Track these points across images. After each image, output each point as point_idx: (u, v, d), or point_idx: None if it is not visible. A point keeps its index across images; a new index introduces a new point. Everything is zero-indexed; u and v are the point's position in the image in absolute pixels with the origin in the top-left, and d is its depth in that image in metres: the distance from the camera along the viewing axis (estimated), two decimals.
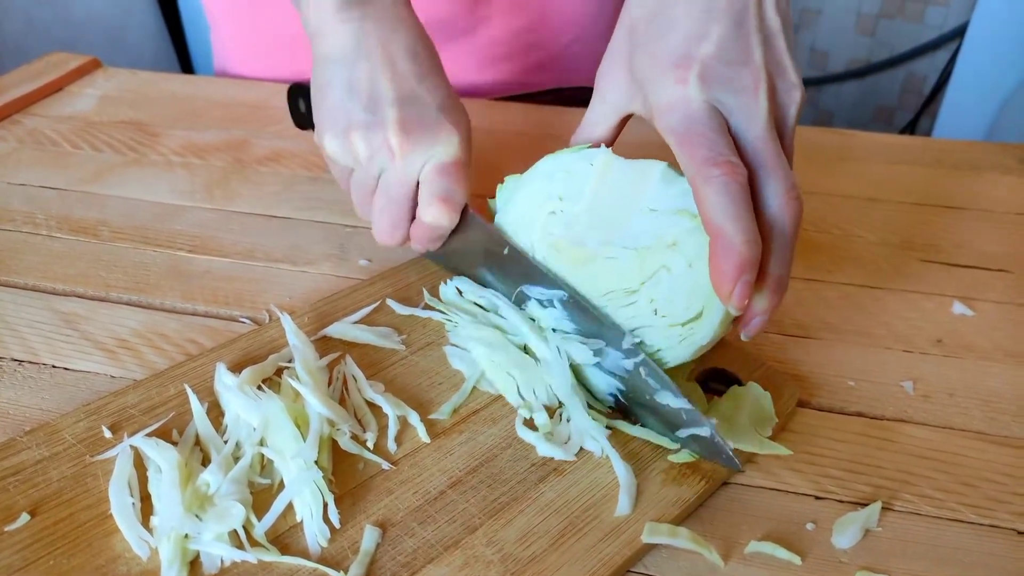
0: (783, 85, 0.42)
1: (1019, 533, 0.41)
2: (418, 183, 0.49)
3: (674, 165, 0.42)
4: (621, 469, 0.42)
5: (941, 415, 0.48)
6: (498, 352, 0.47)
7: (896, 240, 0.63)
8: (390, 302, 0.53)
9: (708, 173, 0.38)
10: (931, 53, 1.83)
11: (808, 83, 2.00)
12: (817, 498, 0.43)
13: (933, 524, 0.42)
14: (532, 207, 0.48)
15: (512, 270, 0.48)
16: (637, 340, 0.43)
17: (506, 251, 0.48)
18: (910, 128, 1.90)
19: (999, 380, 0.50)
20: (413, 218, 0.51)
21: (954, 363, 0.52)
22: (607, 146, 0.46)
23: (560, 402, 0.45)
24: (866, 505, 0.42)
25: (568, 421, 0.44)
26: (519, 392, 0.46)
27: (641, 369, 0.43)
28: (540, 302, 0.47)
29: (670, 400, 0.42)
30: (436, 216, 0.48)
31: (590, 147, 0.46)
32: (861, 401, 0.49)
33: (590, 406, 0.45)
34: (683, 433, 0.42)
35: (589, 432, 0.43)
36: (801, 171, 0.72)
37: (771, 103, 0.41)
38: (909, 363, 0.52)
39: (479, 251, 0.50)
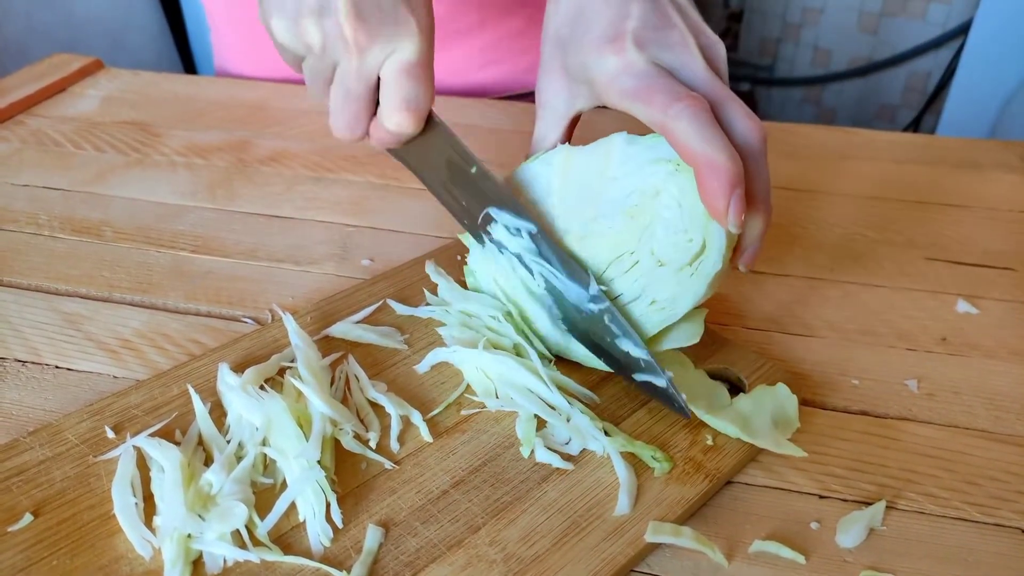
0: (707, 41, 0.44)
1: (1023, 532, 0.41)
2: (379, 79, 0.45)
3: (633, 130, 0.44)
4: (621, 469, 0.42)
5: (945, 413, 0.48)
6: (481, 356, 0.47)
7: (899, 239, 0.63)
8: (390, 302, 0.52)
9: (673, 110, 0.39)
10: (934, 51, 1.83)
11: (811, 81, 2.01)
12: (821, 497, 0.43)
13: (937, 523, 0.41)
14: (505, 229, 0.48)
15: (478, 191, 0.47)
16: (602, 288, 0.44)
17: (473, 170, 0.46)
18: (913, 126, 1.90)
19: (1004, 378, 0.50)
20: (374, 112, 0.46)
21: (958, 361, 0.52)
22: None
23: (549, 404, 0.45)
24: (870, 504, 0.42)
25: (568, 421, 0.44)
26: (496, 395, 0.46)
27: (605, 316, 0.44)
28: (508, 228, 0.47)
29: (631, 349, 0.43)
30: (400, 124, 0.44)
31: (545, 153, 0.47)
32: (865, 400, 0.49)
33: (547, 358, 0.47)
34: (639, 377, 0.44)
35: (589, 432, 0.43)
36: (804, 169, 0.72)
37: (703, 55, 0.43)
38: (913, 361, 0.52)
39: (442, 163, 0.47)
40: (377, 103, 0.45)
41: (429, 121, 0.46)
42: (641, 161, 0.43)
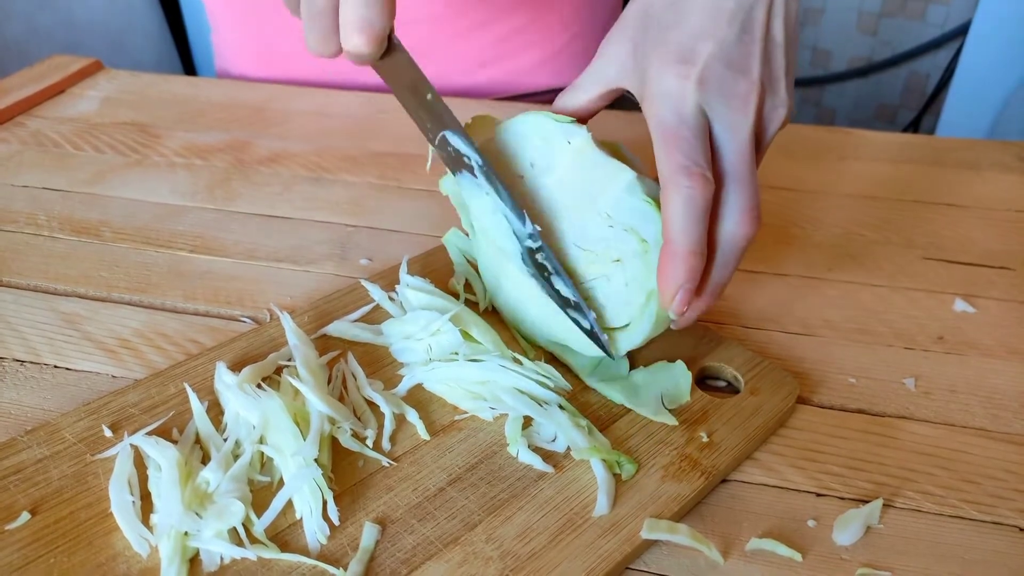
0: (772, 101, 0.43)
1: (1021, 530, 0.41)
2: None
3: (643, 177, 0.43)
4: (599, 468, 0.42)
5: (943, 412, 0.48)
6: (463, 368, 0.46)
7: (898, 238, 0.63)
8: (364, 283, 0.53)
9: (679, 181, 0.39)
10: (933, 52, 1.83)
11: (810, 82, 2.01)
12: (818, 495, 0.43)
13: (935, 521, 0.41)
14: (500, 163, 0.48)
15: (435, 114, 0.47)
16: (539, 228, 0.44)
17: (429, 97, 0.46)
18: (913, 127, 1.90)
19: (1001, 377, 0.50)
20: None
21: (956, 360, 0.52)
22: (586, 119, 0.47)
23: (535, 399, 0.45)
24: (867, 502, 0.42)
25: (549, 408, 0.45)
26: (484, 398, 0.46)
27: (539, 254, 0.45)
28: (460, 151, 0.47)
29: (561, 287, 0.44)
30: (355, 45, 0.43)
31: (573, 122, 0.45)
32: (862, 398, 0.49)
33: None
34: (569, 314, 0.45)
35: (566, 429, 0.43)
36: (803, 169, 0.72)
37: (757, 117, 0.42)
38: (911, 360, 0.52)
39: (406, 85, 0.47)
40: None
41: (392, 46, 0.45)
42: (625, 222, 0.43)
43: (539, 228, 0.44)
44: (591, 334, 0.44)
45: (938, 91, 1.83)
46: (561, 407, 0.45)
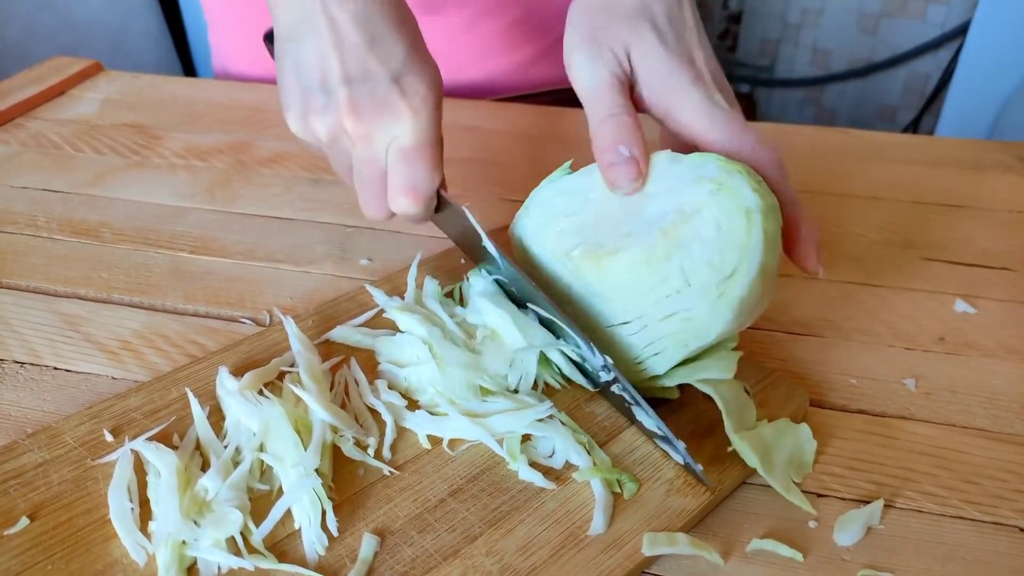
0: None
1: (1022, 530, 0.41)
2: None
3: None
4: (597, 486, 0.41)
5: (943, 412, 0.48)
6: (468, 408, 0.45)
7: (898, 239, 0.63)
8: (370, 288, 0.52)
9: (767, 153, 0.44)
10: (933, 52, 1.83)
11: (811, 83, 2.01)
12: (819, 495, 0.43)
13: (936, 521, 0.41)
14: (538, 236, 0.48)
15: (490, 257, 0.47)
16: (611, 361, 0.42)
17: (484, 243, 0.47)
18: (913, 127, 1.90)
19: (1001, 378, 0.50)
20: None
21: (956, 360, 0.52)
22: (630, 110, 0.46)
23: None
24: (868, 503, 0.42)
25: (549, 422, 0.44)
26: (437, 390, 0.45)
27: (615, 387, 0.43)
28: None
29: (644, 419, 0.42)
30: (403, 207, 0.46)
31: (571, 171, 0.48)
32: (863, 399, 0.49)
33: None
34: (659, 443, 0.43)
35: (565, 446, 0.43)
36: (804, 170, 0.72)
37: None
38: (911, 361, 0.52)
39: (461, 233, 0.48)
40: None
41: (440, 199, 0.48)
42: (684, 180, 0.42)
43: (611, 360, 0.42)
44: (685, 465, 0.42)
45: (938, 91, 1.83)
46: (562, 422, 0.44)
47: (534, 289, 0.45)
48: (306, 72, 0.45)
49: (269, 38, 0.55)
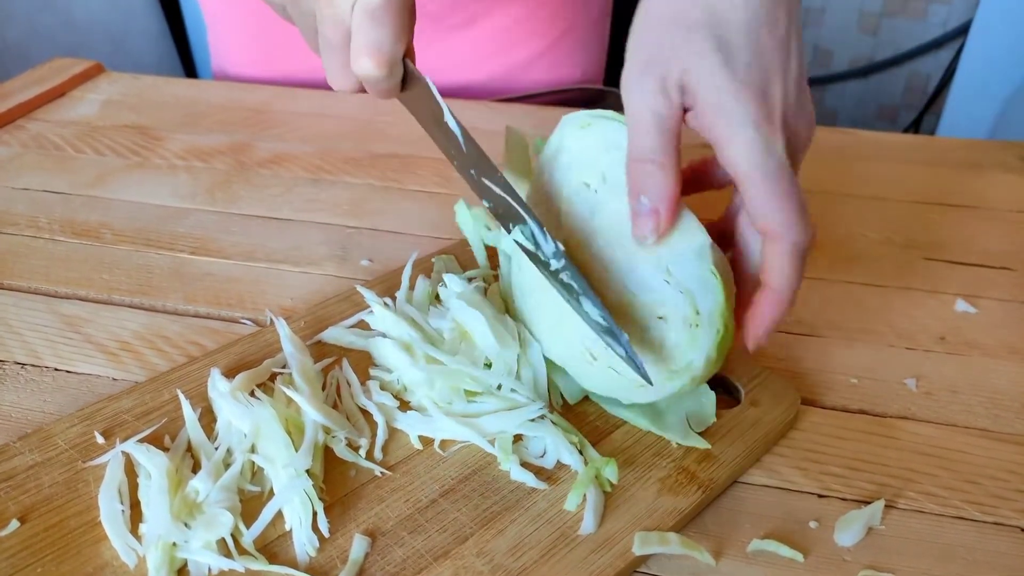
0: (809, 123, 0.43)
1: (1023, 530, 0.41)
2: None
3: (715, 246, 0.41)
4: (591, 488, 0.41)
5: (944, 412, 0.48)
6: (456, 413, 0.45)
7: (899, 238, 0.63)
8: (361, 289, 0.51)
9: (795, 231, 0.38)
10: (934, 51, 1.82)
11: (812, 82, 1.99)
12: (820, 496, 0.43)
13: (937, 522, 0.41)
14: (577, 159, 0.45)
15: (455, 143, 0.45)
16: (562, 248, 0.41)
17: (445, 118, 0.44)
18: (914, 127, 1.90)
19: (1003, 377, 0.50)
20: None
21: (957, 360, 0.52)
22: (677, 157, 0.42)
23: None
24: (869, 503, 0.42)
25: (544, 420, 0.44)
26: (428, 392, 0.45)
27: (564, 274, 0.41)
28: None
29: (590, 309, 0.40)
30: (364, 68, 0.42)
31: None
32: (864, 399, 0.49)
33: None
34: (603, 338, 0.41)
35: (560, 446, 0.42)
36: (804, 170, 0.71)
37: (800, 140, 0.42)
38: (912, 360, 0.51)
39: (428, 115, 0.45)
40: None
41: (409, 74, 0.44)
42: (682, 284, 0.41)
43: (563, 247, 0.41)
44: (628, 359, 0.40)
45: (939, 91, 1.83)
46: (553, 422, 0.44)
47: (493, 168, 0.43)
48: None
49: None
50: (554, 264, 0.41)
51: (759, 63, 0.38)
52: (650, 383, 0.40)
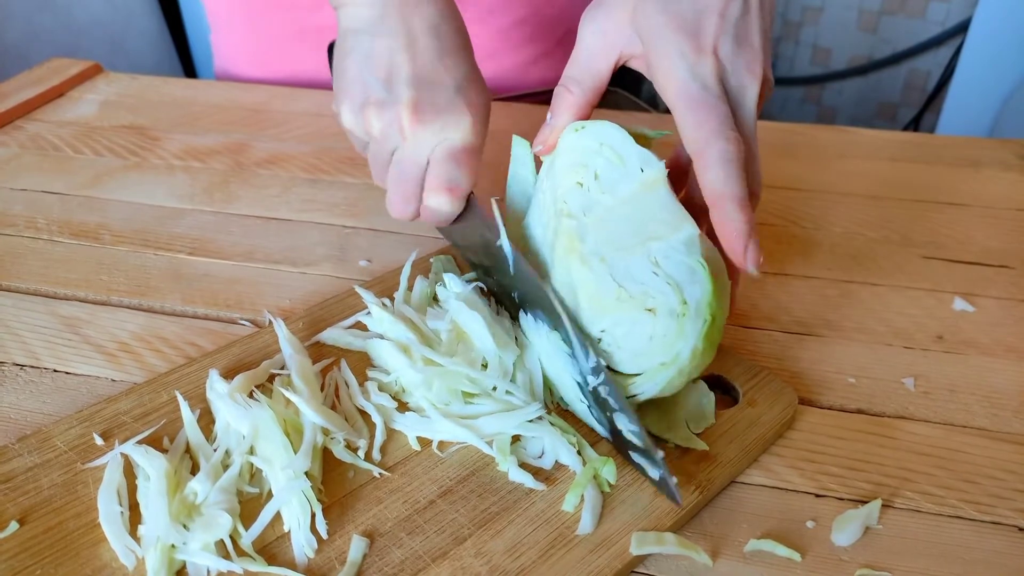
0: (767, 75, 0.44)
1: (1020, 530, 0.41)
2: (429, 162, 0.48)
3: (704, 237, 0.41)
4: (589, 488, 0.41)
5: (942, 412, 0.48)
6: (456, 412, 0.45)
7: (897, 237, 0.63)
8: (359, 289, 0.51)
9: (717, 144, 0.40)
10: (934, 49, 1.82)
11: (811, 81, 2.01)
12: (817, 496, 0.43)
13: (934, 521, 0.41)
14: (564, 162, 0.46)
15: (504, 267, 0.48)
16: (603, 363, 0.42)
17: (499, 243, 0.47)
18: (913, 125, 1.89)
19: (1000, 376, 0.50)
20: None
21: (955, 359, 0.52)
22: (596, 90, 0.46)
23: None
24: (866, 503, 0.42)
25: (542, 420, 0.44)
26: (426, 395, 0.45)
27: (601, 388, 0.42)
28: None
29: (624, 426, 0.41)
30: (438, 203, 0.48)
31: (652, 153, 0.44)
32: (862, 398, 0.49)
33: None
34: (635, 458, 0.42)
35: (558, 446, 0.43)
36: (803, 169, 0.72)
37: (761, 84, 0.43)
38: (910, 359, 0.51)
39: (478, 241, 0.49)
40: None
41: (469, 202, 0.49)
42: (671, 274, 0.41)
43: (603, 362, 0.41)
44: (660, 482, 0.40)
45: (939, 89, 1.83)
46: (551, 423, 0.44)
47: (541, 287, 0.44)
48: (373, 66, 0.47)
49: (331, 49, 0.56)
50: (592, 381, 0.42)
51: (694, 4, 0.43)
52: (679, 504, 0.40)
